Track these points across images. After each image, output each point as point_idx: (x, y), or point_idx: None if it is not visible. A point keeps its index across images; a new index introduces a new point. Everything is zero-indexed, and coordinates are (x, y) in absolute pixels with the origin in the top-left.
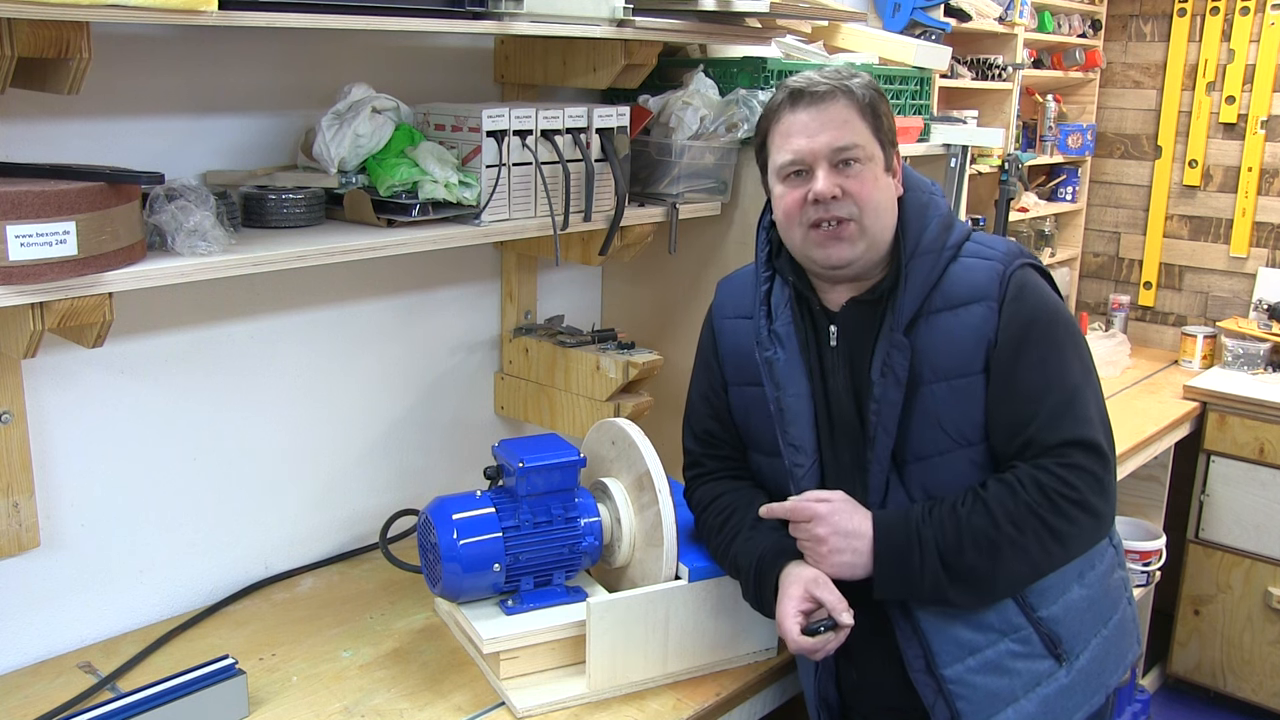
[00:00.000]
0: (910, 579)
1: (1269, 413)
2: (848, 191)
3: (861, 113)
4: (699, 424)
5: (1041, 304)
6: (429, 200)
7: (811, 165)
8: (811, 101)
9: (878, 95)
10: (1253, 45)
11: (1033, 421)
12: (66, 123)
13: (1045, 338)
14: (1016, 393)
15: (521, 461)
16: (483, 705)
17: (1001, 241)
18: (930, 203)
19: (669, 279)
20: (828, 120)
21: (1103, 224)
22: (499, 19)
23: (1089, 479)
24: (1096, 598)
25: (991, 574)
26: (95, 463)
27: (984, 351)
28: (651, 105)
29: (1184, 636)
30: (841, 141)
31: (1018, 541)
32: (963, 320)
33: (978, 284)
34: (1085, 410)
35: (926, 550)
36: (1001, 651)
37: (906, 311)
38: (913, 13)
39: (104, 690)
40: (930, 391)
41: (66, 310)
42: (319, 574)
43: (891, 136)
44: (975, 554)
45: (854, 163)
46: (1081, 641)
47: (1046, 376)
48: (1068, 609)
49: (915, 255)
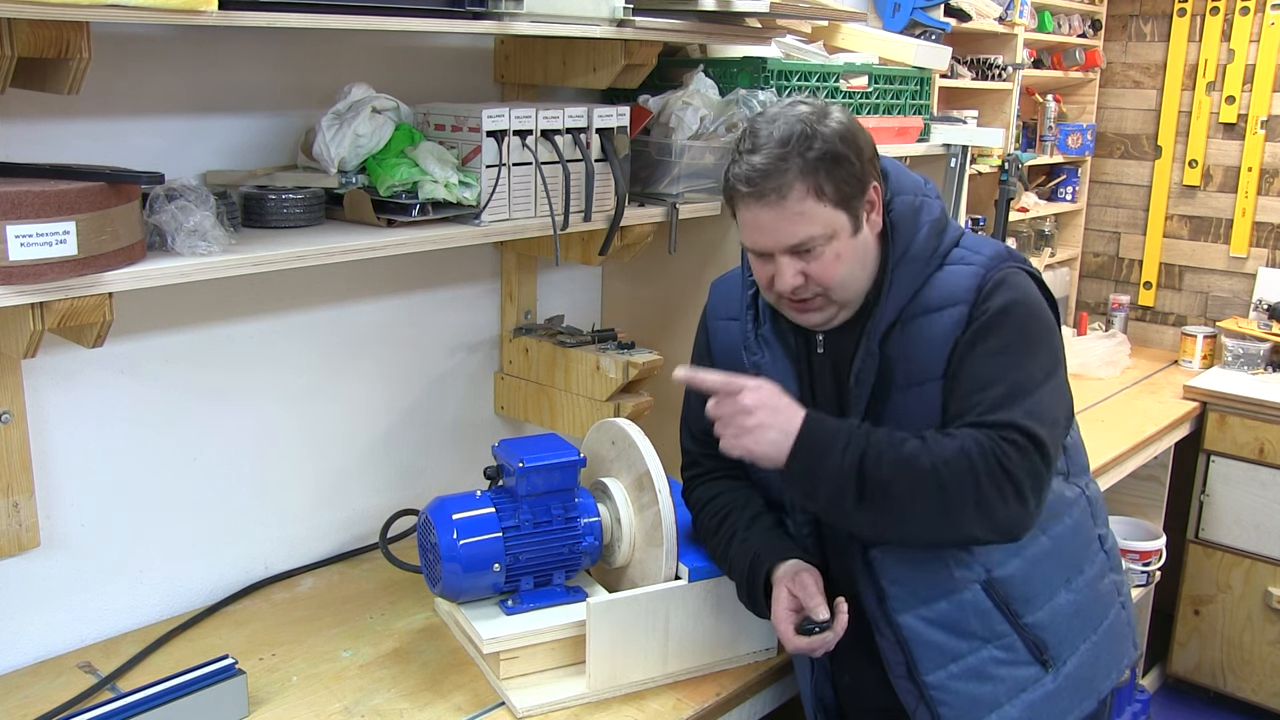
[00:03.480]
0: (820, 472)
1: (1269, 413)
2: (811, 277)
3: (817, 191)
4: (696, 424)
5: (1015, 299)
6: (429, 200)
7: (774, 254)
8: (763, 202)
9: (836, 155)
10: (1253, 45)
11: (980, 399)
12: (66, 123)
13: (1012, 328)
14: (971, 376)
15: (521, 461)
16: (483, 705)
17: (990, 245)
18: (922, 206)
19: (669, 279)
20: (779, 218)
21: (1103, 224)
22: (499, 19)
23: (1026, 464)
24: (1085, 604)
25: (898, 509)
26: (95, 463)
27: (949, 354)
28: (651, 105)
29: (1184, 636)
30: (795, 239)
31: (940, 485)
32: (935, 325)
33: (957, 289)
34: (1038, 405)
35: (850, 450)
36: (984, 658)
37: (884, 321)
38: (913, 13)
39: (104, 690)
40: (902, 399)
41: (66, 310)
42: (319, 574)
43: (859, 185)
44: (893, 477)
45: (815, 248)
46: (1069, 647)
47: (1005, 365)
48: (1054, 615)
49: (901, 263)
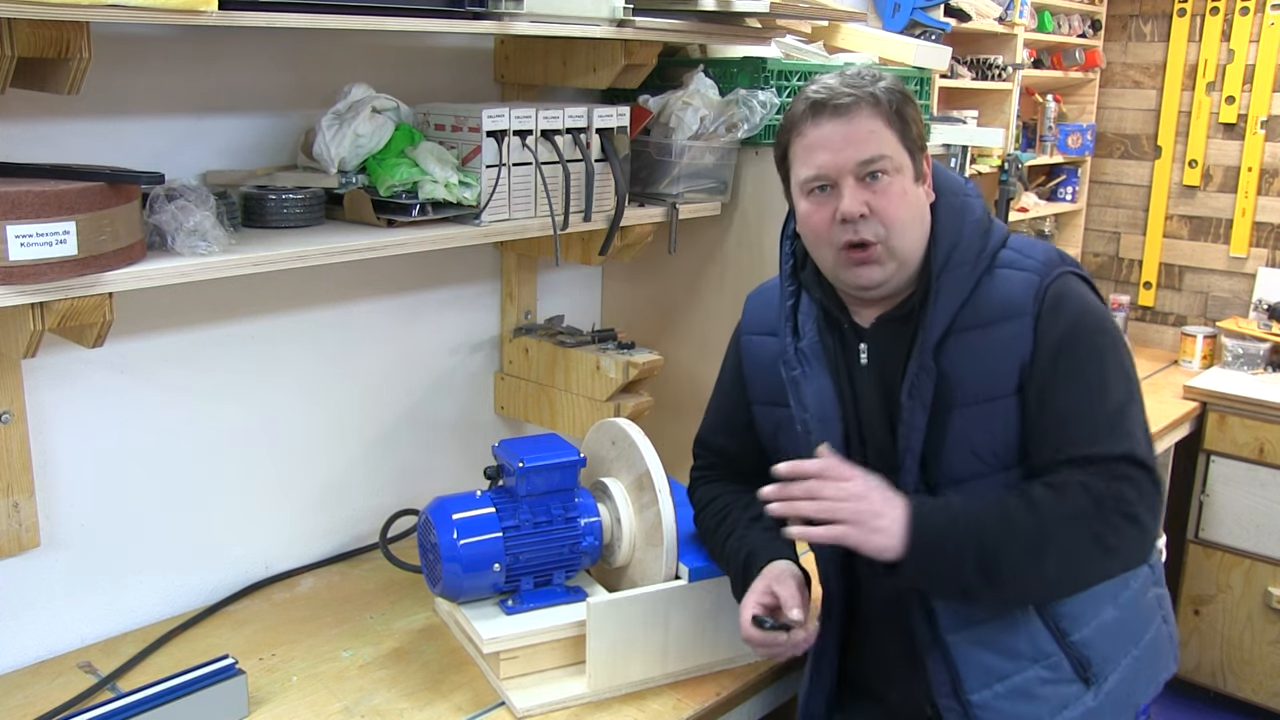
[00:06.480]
0: (939, 569)
1: (1269, 413)
2: (875, 209)
3: (888, 120)
4: (713, 437)
5: (1082, 312)
6: (429, 200)
7: (837, 181)
8: (834, 113)
9: (904, 98)
10: (1252, 45)
11: (1077, 440)
12: (66, 123)
13: (1086, 348)
14: (1057, 409)
15: (521, 461)
16: (483, 705)
17: (1040, 247)
18: (965, 206)
19: (669, 279)
20: (852, 132)
21: (1102, 224)
22: (499, 19)
23: (1140, 493)
24: (1129, 618)
25: (1028, 577)
26: (95, 463)
27: (1018, 372)
28: (651, 105)
29: (1184, 637)
30: (867, 154)
31: (1063, 547)
32: (994, 339)
33: (1012, 299)
34: (1132, 427)
35: (966, 539)
36: (1030, 678)
37: (936, 330)
38: (913, 13)
39: (104, 690)
40: (961, 415)
41: (66, 310)
42: (319, 574)
43: (921, 142)
44: (1017, 553)
45: (882, 175)
46: (1111, 664)
47: (1089, 392)
48: (1100, 631)
49: (947, 268)
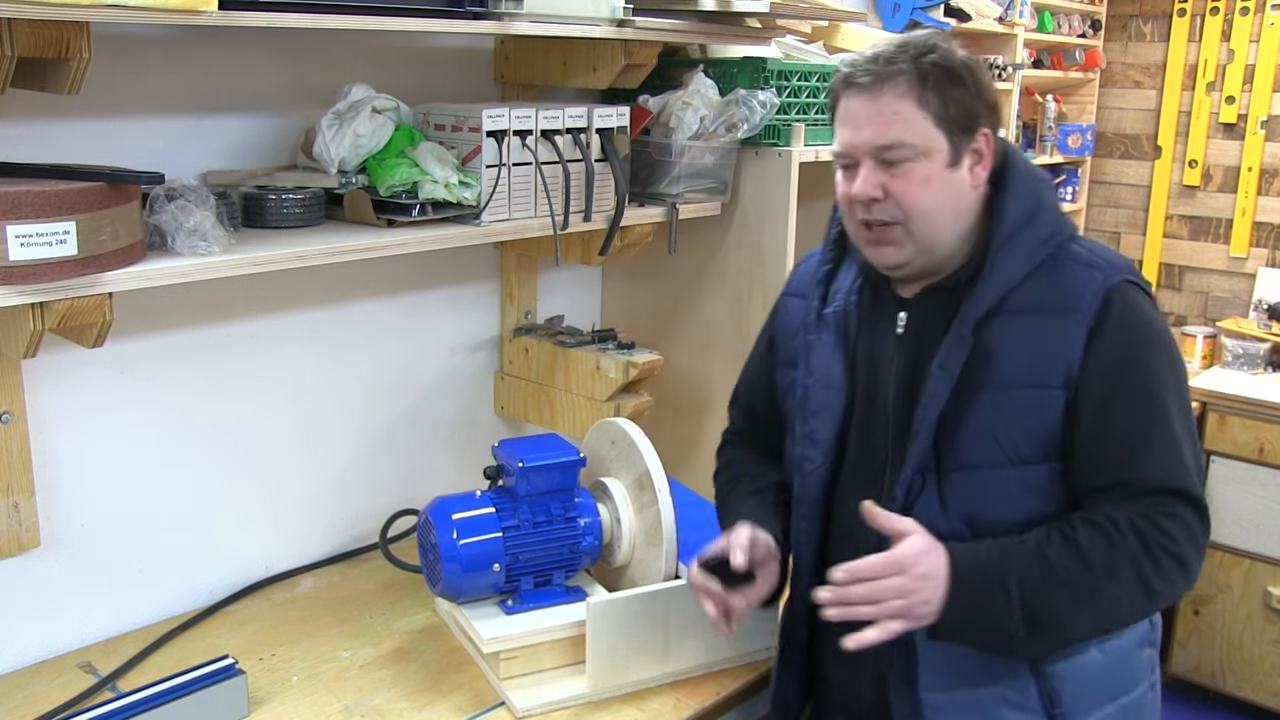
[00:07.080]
0: (982, 625)
1: (1269, 413)
2: (890, 193)
3: (920, 100)
4: (745, 396)
5: (1145, 327)
6: (429, 200)
7: (857, 160)
8: (860, 90)
9: (952, 72)
10: (1252, 45)
11: (1132, 464)
12: (66, 123)
13: (1146, 369)
14: (1111, 430)
15: (521, 461)
16: (483, 705)
17: (1108, 251)
18: (1040, 194)
19: (669, 279)
20: (875, 112)
21: (1103, 224)
22: (499, 19)
23: (1189, 534)
24: (1114, 669)
25: (1072, 623)
26: (95, 463)
27: (1063, 368)
28: (651, 105)
29: (1184, 636)
30: (884, 139)
31: (1109, 592)
32: (1044, 329)
33: (1072, 292)
34: (1187, 458)
35: (1011, 594)
36: (993, 693)
37: (982, 305)
38: (913, 13)
39: (104, 690)
40: (990, 398)
41: (66, 310)
42: (319, 574)
43: (968, 117)
44: (1062, 601)
45: (902, 161)
46: (1083, 711)
47: (1150, 416)
48: (1078, 671)
49: (1005, 246)
